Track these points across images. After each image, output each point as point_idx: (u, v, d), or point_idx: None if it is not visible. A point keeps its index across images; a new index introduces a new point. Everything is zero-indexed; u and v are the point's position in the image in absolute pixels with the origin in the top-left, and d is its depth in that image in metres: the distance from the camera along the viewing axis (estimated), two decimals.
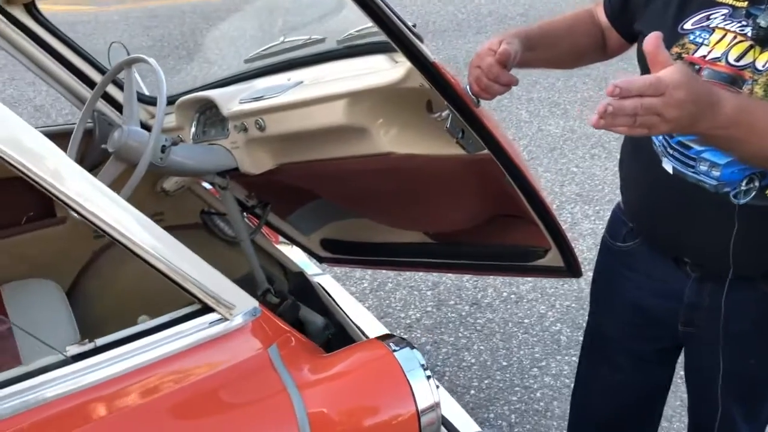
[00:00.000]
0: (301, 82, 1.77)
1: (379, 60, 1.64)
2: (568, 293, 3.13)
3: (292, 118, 1.73)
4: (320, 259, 2.49)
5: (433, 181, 1.76)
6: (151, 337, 1.18)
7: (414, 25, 1.31)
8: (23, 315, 1.96)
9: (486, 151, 1.50)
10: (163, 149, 1.74)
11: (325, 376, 1.26)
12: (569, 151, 4.41)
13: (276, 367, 1.24)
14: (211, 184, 2.00)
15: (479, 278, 3.24)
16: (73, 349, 1.14)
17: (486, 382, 2.69)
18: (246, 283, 2.18)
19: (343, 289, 2.48)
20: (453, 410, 1.85)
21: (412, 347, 1.29)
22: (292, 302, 2.18)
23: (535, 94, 5.18)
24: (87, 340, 1.16)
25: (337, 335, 2.21)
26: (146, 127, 2.13)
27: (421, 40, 1.35)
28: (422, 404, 1.24)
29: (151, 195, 2.29)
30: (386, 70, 1.56)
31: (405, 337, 1.34)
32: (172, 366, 1.18)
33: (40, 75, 2.00)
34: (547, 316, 3.02)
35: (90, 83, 2.04)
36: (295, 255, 2.50)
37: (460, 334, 2.94)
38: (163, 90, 1.70)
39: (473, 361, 2.80)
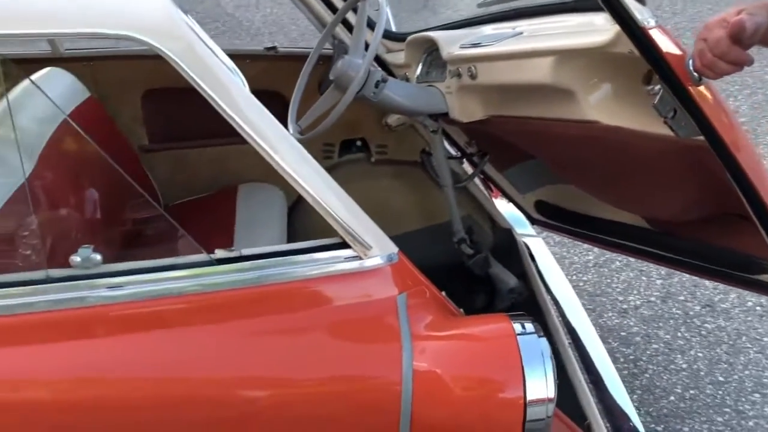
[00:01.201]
0: (521, 33, 1.68)
1: (603, 18, 1.48)
2: None
3: (501, 70, 1.65)
4: (532, 221, 2.40)
5: (640, 160, 1.58)
6: (289, 258, 1.26)
7: None
8: (246, 211, 2.20)
9: (701, 137, 1.30)
10: (377, 84, 1.79)
11: (443, 336, 1.24)
12: None
13: (399, 315, 1.24)
14: (423, 125, 2.01)
15: None
16: (221, 253, 1.26)
17: (692, 392, 2.42)
18: (445, 228, 2.21)
19: (550, 256, 2.38)
20: (622, 402, 1.72)
21: (540, 335, 1.21)
22: (485, 257, 2.15)
23: None
24: (234, 248, 1.27)
25: (525, 302, 2.14)
26: (380, 60, 2.21)
27: (641, 1, 1.19)
28: (532, 395, 1.16)
29: (377, 127, 2.38)
30: (599, 30, 1.41)
31: (531, 325, 1.25)
32: (299, 288, 1.24)
33: None
34: None
35: (335, 9, 2.14)
36: (507, 211, 2.45)
37: (679, 334, 2.66)
38: (381, 25, 1.72)
39: (684, 366, 2.52)
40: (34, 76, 2.01)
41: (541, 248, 2.39)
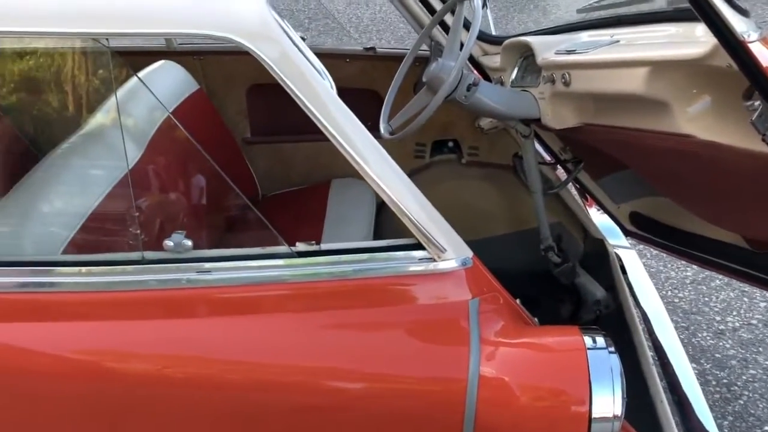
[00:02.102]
0: (618, 41, 1.64)
1: (702, 29, 1.43)
2: None
3: (595, 78, 1.62)
4: (626, 232, 2.33)
5: (737, 177, 1.52)
6: (365, 255, 1.30)
7: None
8: (336, 206, 2.26)
9: None
10: (469, 88, 1.79)
11: (512, 344, 1.24)
12: None
13: (469, 319, 1.26)
14: (515, 130, 2.00)
15: None
16: (301, 246, 1.32)
17: None
18: (534, 234, 2.19)
19: (643, 269, 2.32)
20: (707, 425, 1.66)
21: (612, 351, 1.19)
22: (572, 267, 2.11)
23: None
24: (314, 242, 1.32)
25: (611, 315, 2.09)
26: (476, 62, 2.22)
27: (743, 13, 1.15)
28: (598, 411, 1.14)
29: (470, 129, 2.38)
30: (697, 41, 1.36)
31: (605, 340, 1.23)
32: (372, 285, 1.28)
33: None
34: None
35: (432, 11, 2.16)
36: (601, 220, 2.39)
37: None
38: (475, 28, 1.73)
39: None
40: (149, 69, 2.15)
41: (634, 261, 2.32)
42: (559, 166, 2.33)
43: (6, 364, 1.31)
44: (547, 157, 2.33)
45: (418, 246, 1.29)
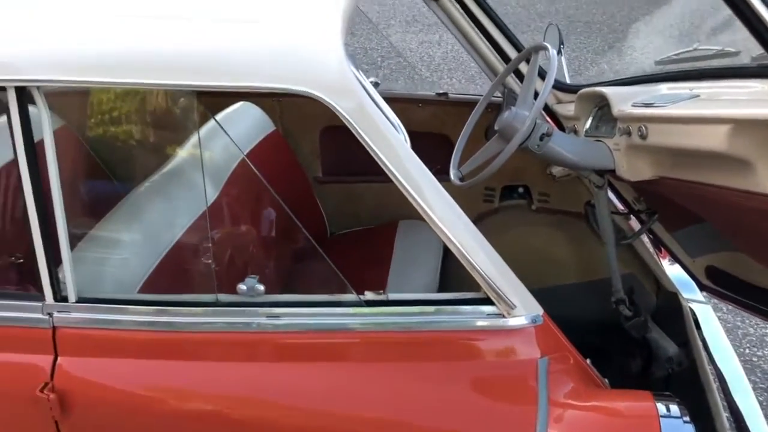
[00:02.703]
0: (698, 95, 1.61)
1: None
2: None
3: (674, 133, 1.59)
4: (701, 287, 2.25)
5: None
6: (432, 307, 1.30)
7: None
8: (403, 248, 2.27)
9: None
10: (542, 138, 1.78)
11: (581, 407, 1.21)
12: None
13: (538, 379, 1.24)
14: (588, 180, 1.97)
15: None
16: (370, 296, 1.33)
17: None
18: (605, 285, 2.14)
19: (719, 326, 2.23)
20: None
21: (686, 420, 1.15)
22: (644, 321, 2.05)
23: None
24: (381, 292, 1.33)
25: (684, 372, 2.02)
26: (549, 110, 2.20)
27: None
28: None
29: (541, 175, 2.36)
30: None
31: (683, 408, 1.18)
32: (439, 338, 1.28)
33: (461, 41, 2.20)
34: None
35: (506, 59, 2.17)
36: (675, 273, 2.32)
37: None
38: (550, 78, 1.72)
39: None
40: (229, 109, 2.22)
41: (709, 316, 2.24)
42: (632, 216, 2.28)
43: (81, 397, 1.36)
44: (621, 207, 2.29)
45: (487, 301, 1.28)
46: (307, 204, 2.47)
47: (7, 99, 1.28)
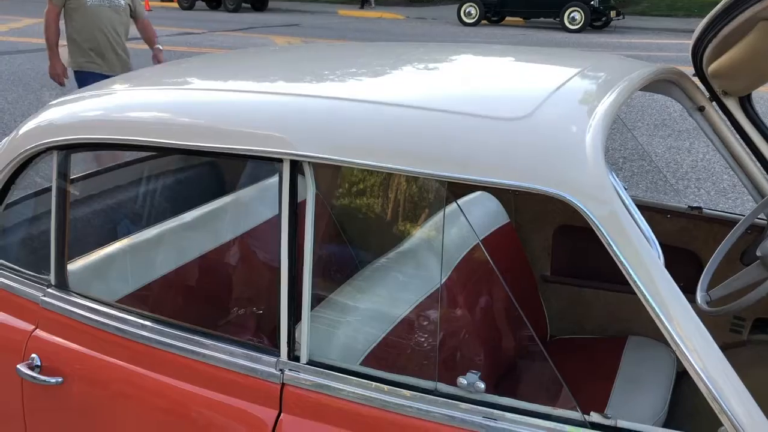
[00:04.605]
0: None
1: None
2: None
3: None
4: None
5: None
6: None
7: None
8: (630, 367, 2.10)
9: None
10: None
11: None
12: None
13: None
14: None
15: None
16: (595, 417, 1.23)
17: None
18: None
19: None
20: None
21: None
22: None
23: None
24: (609, 415, 1.22)
25: None
26: None
27: None
28: None
29: None
30: None
31: None
32: None
33: (723, 154, 2.04)
34: None
35: None
36: None
37: None
38: None
39: None
40: (467, 198, 2.26)
41: None
42: None
43: None
44: None
45: None
46: (531, 301, 2.40)
47: (282, 168, 1.41)
